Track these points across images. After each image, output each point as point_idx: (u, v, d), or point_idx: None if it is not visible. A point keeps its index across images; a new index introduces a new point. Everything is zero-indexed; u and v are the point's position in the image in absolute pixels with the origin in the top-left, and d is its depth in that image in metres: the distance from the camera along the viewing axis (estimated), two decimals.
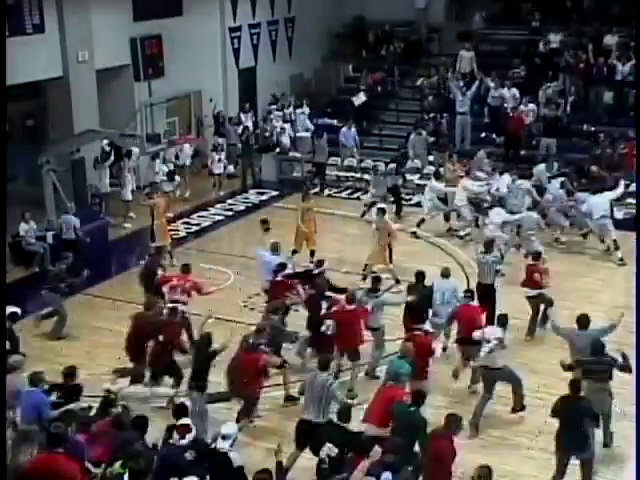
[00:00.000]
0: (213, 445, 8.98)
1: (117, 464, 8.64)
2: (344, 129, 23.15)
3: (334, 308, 12.47)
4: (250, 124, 23.79)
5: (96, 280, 16.56)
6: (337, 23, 28.37)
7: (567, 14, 25.69)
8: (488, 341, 11.37)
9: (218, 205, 21.32)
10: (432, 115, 23.33)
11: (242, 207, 21.34)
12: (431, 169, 21.16)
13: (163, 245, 16.82)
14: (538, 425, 11.39)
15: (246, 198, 22.02)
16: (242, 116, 23.94)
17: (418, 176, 21.83)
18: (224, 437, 8.87)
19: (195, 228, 19.83)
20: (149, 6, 21.57)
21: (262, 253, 14.56)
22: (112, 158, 19.98)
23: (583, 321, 11.42)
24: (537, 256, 14.31)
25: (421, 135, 22.22)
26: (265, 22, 26.20)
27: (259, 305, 15.20)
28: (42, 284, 14.84)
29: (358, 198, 21.55)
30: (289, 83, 27.00)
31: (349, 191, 22.28)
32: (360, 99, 24.87)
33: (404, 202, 20.39)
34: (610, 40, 23.55)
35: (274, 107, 25.11)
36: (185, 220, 20.29)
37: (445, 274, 13.30)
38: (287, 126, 24.45)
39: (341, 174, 23.04)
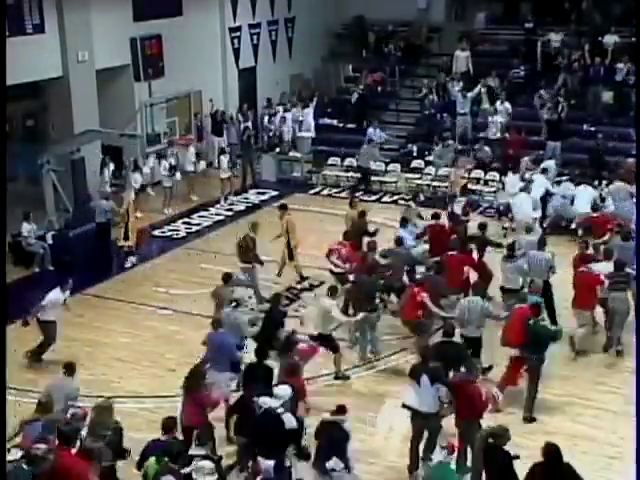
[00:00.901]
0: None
1: (152, 459, 8.68)
2: (370, 129, 22.88)
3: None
4: (250, 124, 23.74)
5: (96, 280, 16.60)
6: (337, 23, 28.37)
7: (566, 14, 25.70)
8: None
9: (218, 205, 21.31)
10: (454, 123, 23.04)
11: (242, 207, 21.34)
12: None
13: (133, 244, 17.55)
14: (538, 425, 11.40)
15: (246, 198, 22.02)
16: (240, 117, 23.93)
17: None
18: (276, 396, 9.69)
19: (195, 228, 19.82)
20: (149, 6, 21.55)
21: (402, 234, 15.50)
22: (107, 162, 20.05)
23: (627, 235, 14.22)
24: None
25: (449, 146, 21.93)
26: (265, 22, 26.22)
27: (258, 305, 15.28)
28: (42, 284, 14.82)
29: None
30: (289, 83, 27.04)
31: (349, 191, 22.26)
32: (354, 97, 24.96)
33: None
34: (609, 40, 23.56)
35: (280, 108, 25.06)
36: (185, 220, 20.29)
37: (541, 244, 14.24)
38: (288, 126, 24.45)
39: (341, 174, 23.03)
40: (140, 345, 13.77)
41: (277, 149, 24.08)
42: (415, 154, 23.04)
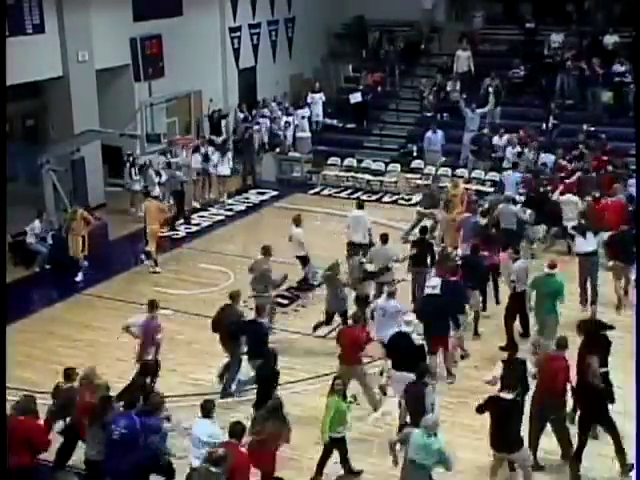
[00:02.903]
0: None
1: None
2: (429, 133, 22.31)
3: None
4: (250, 124, 23.74)
5: (96, 280, 16.59)
6: (337, 23, 28.38)
7: (566, 15, 25.71)
8: None
9: (218, 205, 21.30)
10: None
11: (242, 207, 21.34)
12: None
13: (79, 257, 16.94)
14: None
15: (246, 198, 22.02)
16: (240, 115, 23.93)
17: None
18: (407, 323, 11.44)
19: (195, 228, 19.81)
20: (149, 6, 21.55)
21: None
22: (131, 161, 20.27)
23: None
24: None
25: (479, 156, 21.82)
26: (265, 22, 26.25)
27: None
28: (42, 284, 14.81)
29: (358, 198, 21.53)
30: (289, 83, 27.04)
31: (349, 191, 22.27)
32: (356, 98, 24.90)
33: None
34: (609, 40, 23.56)
35: (278, 108, 25.07)
36: (185, 220, 20.26)
37: None
38: (291, 128, 24.46)
39: (341, 174, 23.03)
40: None
41: (277, 149, 24.10)
42: (415, 154, 23.05)
